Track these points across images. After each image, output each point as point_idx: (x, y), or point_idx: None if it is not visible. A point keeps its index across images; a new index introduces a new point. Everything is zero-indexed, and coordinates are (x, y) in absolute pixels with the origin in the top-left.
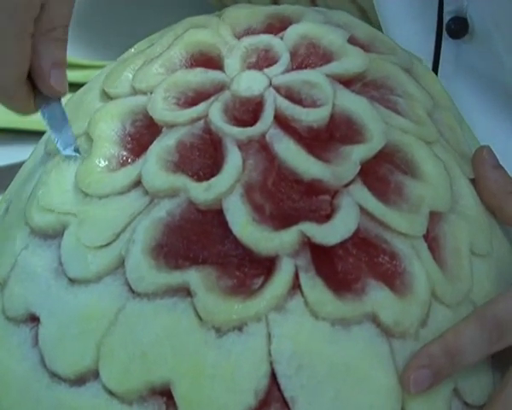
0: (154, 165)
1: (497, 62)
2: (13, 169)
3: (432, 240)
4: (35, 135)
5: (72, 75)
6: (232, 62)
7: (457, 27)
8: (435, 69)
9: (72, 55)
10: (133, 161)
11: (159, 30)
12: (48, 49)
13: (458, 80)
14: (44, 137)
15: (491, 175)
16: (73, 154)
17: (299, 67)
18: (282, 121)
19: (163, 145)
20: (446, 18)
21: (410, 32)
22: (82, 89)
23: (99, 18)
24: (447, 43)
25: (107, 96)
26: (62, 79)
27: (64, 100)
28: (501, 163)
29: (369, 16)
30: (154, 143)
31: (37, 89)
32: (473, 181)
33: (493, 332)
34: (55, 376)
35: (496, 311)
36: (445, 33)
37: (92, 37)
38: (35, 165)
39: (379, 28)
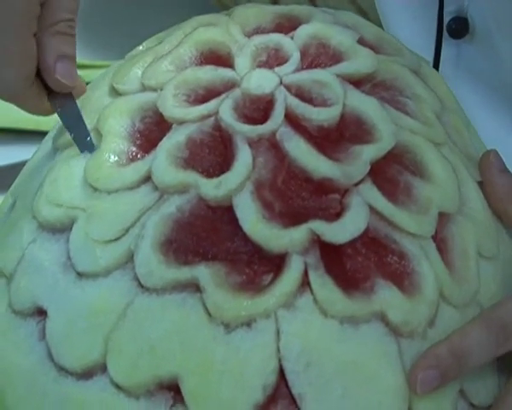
0: (163, 161)
1: (498, 62)
2: (14, 169)
3: (440, 241)
4: (36, 135)
5: None
6: (242, 61)
7: (458, 27)
8: (435, 69)
9: None
10: (143, 156)
11: (160, 31)
12: (51, 43)
13: (459, 80)
14: (51, 134)
15: (497, 179)
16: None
17: (309, 66)
18: (292, 120)
19: (173, 141)
20: (447, 18)
21: (411, 32)
22: (89, 85)
23: (100, 18)
24: (448, 43)
25: (115, 93)
26: (69, 71)
27: None
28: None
29: (369, 17)
30: (164, 139)
31: (50, 89)
32: (480, 184)
33: (500, 335)
34: (62, 369)
35: (502, 313)
36: (445, 33)
37: (93, 37)
38: (42, 160)
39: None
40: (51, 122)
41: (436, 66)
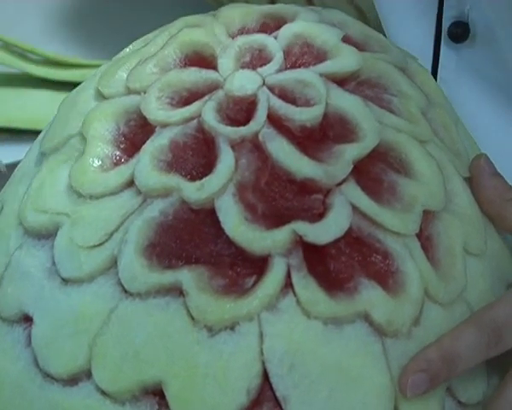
0: (147, 164)
1: (499, 65)
2: (10, 168)
3: (425, 239)
4: (32, 134)
5: (70, 74)
6: (226, 62)
7: (459, 32)
8: (434, 74)
9: (70, 54)
10: (126, 160)
11: (156, 29)
12: None
13: (459, 84)
14: (39, 138)
15: (489, 183)
16: None
17: (293, 66)
18: (275, 121)
19: (156, 145)
20: (448, 22)
21: (411, 36)
22: (76, 88)
23: (97, 17)
24: (448, 47)
25: (101, 96)
26: None
27: (59, 99)
28: (505, 166)
29: (367, 17)
30: (148, 142)
31: None
32: (467, 180)
33: (491, 337)
34: (47, 376)
35: (494, 315)
36: (446, 38)
37: (90, 36)
38: (29, 165)
39: (377, 29)
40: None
41: (435, 70)
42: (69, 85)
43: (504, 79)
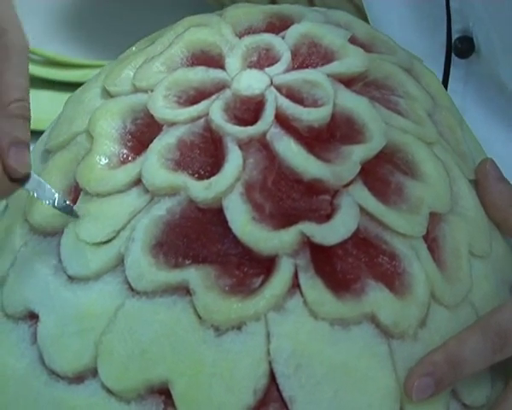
0: (154, 163)
1: (503, 80)
2: None
3: (431, 241)
4: (33, 134)
5: (70, 74)
6: (233, 61)
7: (464, 47)
8: (444, 87)
9: (70, 55)
10: (133, 158)
11: (158, 30)
12: (4, 127)
13: (467, 98)
14: (43, 136)
15: (495, 188)
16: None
17: (301, 66)
18: (282, 121)
19: (164, 143)
20: (453, 38)
21: (417, 52)
22: (81, 87)
23: (97, 17)
24: (455, 62)
25: (107, 94)
26: (23, 158)
27: (64, 98)
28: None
29: (366, 15)
30: (155, 141)
31: None
32: (472, 182)
33: (496, 342)
34: (53, 374)
35: (500, 320)
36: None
37: (90, 36)
38: (34, 163)
39: None
40: (50, 122)
41: (445, 84)
42: (69, 85)
43: (506, 93)
